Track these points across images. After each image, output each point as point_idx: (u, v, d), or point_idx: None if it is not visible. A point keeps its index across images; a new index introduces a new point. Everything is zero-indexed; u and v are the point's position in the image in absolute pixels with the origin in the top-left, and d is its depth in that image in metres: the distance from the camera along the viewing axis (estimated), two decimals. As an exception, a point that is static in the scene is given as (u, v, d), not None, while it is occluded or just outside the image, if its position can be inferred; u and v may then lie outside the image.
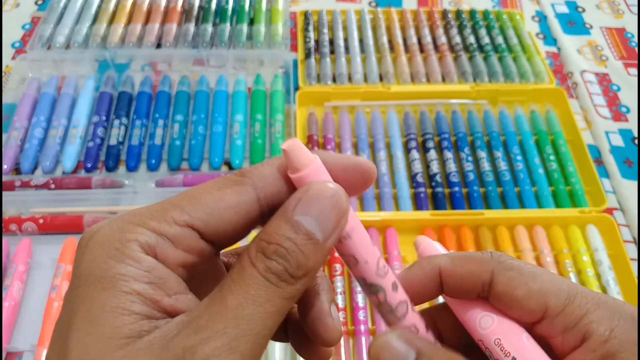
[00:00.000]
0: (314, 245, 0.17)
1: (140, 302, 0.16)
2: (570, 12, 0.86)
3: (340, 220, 0.18)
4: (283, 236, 0.17)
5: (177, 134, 0.64)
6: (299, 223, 0.17)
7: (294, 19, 0.81)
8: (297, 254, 0.17)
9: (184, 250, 0.18)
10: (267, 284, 0.17)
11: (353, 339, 0.51)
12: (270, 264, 0.17)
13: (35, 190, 0.58)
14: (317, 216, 0.17)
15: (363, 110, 0.69)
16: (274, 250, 0.17)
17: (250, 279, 0.17)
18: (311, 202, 0.17)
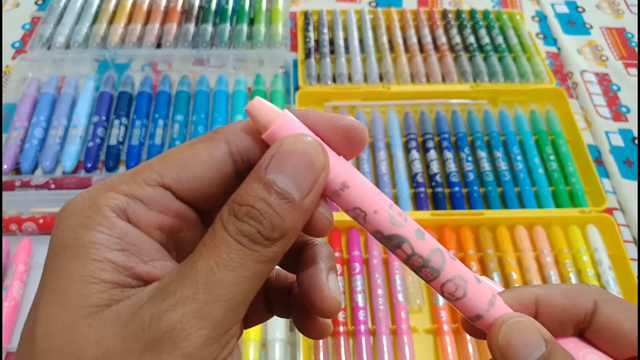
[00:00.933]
0: (290, 204, 0.16)
1: (112, 269, 0.15)
2: (570, 12, 0.86)
3: (318, 176, 0.17)
4: (255, 197, 0.16)
5: (177, 134, 0.64)
6: (272, 182, 0.16)
7: (294, 19, 0.81)
8: (270, 215, 0.16)
9: (158, 211, 0.17)
10: (240, 247, 0.16)
11: (353, 339, 0.51)
12: (242, 226, 0.16)
13: (35, 190, 0.58)
14: (292, 173, 0.16)
15: (363, 110, 0.69)
16: (246, 212, 0.16)
17: (222, 242, 0.16)
18: (284, 159, 0.16)
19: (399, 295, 0.53)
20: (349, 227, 0.58)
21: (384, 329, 0.51)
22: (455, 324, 0.52)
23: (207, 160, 0.17)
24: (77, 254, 0.15)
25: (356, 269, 0.54)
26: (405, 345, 0.50)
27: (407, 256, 0.19)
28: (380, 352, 0.50)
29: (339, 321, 0.51)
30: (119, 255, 0.16)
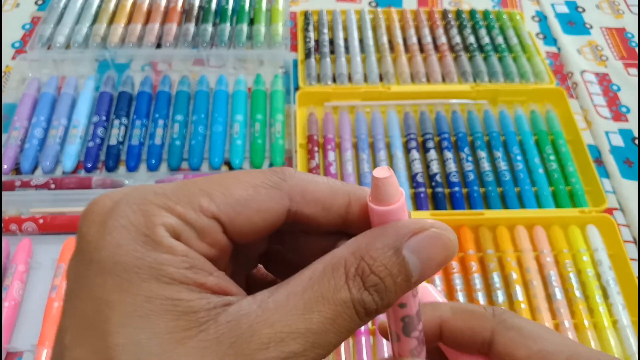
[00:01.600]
0: (407, 286, 0.17)
1: (186, 290, 0.15)
2: (570, 12, 0.86)
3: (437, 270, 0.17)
4: (386, 268, 0.16)
5: (177, 134, 0.64)
6: (406, 261, 0.16)
7: (294, 19, 0.81)
8: (392, 294, 0.16)
9: (207, 243, 0.16)
10: (356, 318, 0.16)
11: (353, 338, 0.51)
12: (366, 297, 0.16)
13: (35, 190, 0.58)
14: (424, 260, 0.16)
15: (363, 110, 0.69)
16: (374, 283, 0.16)
17: (342, 306, 0.15)
18: (426, 244, 0.16)
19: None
20: (349, 227, 0.58)
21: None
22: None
23: (266, 211, 0.17)
24: (145, 275, 0.14)
25: (356, 269, 0.54)
26: (405, 345, 0.50)
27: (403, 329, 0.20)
28: (380, 352, 0.50)
29: (339, 321, 0.51)
30: (187, 273, 0.15)
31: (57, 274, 0.52)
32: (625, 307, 0.53)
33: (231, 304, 0.15)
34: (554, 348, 0.19)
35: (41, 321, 0.49)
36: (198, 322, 0.14)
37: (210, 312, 0.14)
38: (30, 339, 0.49)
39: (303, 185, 0.17)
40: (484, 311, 0.21)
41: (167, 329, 0.14)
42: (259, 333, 0.14)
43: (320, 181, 0.18)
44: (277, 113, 0.66)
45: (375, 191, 0.17)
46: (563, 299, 0.53)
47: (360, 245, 0.16)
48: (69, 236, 0.55)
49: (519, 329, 0.20)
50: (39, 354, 0.48)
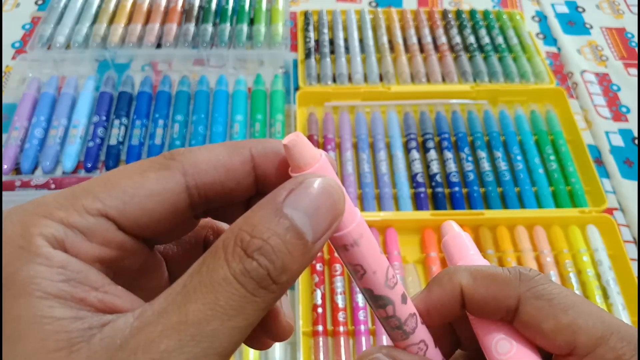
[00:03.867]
0: (303, 246, 0.14)
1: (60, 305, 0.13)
2: (570, 12, 0.86)
3: (333, 223, 0.15)
4: (270, 230, 0.14)
5: (177, 134, 0.64)
6: (290, 217, 0.14)
7: (294, 19, 0.81)
8: (284, 255, 0.14)
9: (99, 243, 0.15)
10: (242, 292, 0.14)
11: (353, 339, 0.51)
12: (250, 265, 0.14)
13: (35, 190, 0.58)
14: (311, 213, 0.14)
15: (363, 110, 0.69)
16: (258, 246, 0.14)
17: (222, 284, 0.13)
18: (306, 196, 0.15)
19: (399, 295, 0.53)
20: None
21: (383, 330, 0.51)
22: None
23: (159, 194, 0.15)
24: (19, 291, 0.13)
25: (356, 269, 0.54)
26: (405, 345, 0.50)
27: (387, 316, 0.19)
28: (380, 352, 0.50)
29: (339, 321, 0.51)
30: (64, 287, 0.13)
31: (57, 274, 0.52)
32: (626, 307, 0.53)
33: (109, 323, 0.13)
34: (587, 323, 0.17)
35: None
36: (70, 342, 0.13)
37: (85, 332, 0.13)
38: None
39: (193, 156, 0.16)
40: (509, 275, 0.19)
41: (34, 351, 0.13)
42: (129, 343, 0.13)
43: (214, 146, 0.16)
44: (277, 113, 0.66)
45: (289, 159, 0.16)
46: (563, 299, 0.53)
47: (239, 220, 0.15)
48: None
49: (548, 298, 0.18)
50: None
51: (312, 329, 0.51)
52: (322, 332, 0.51)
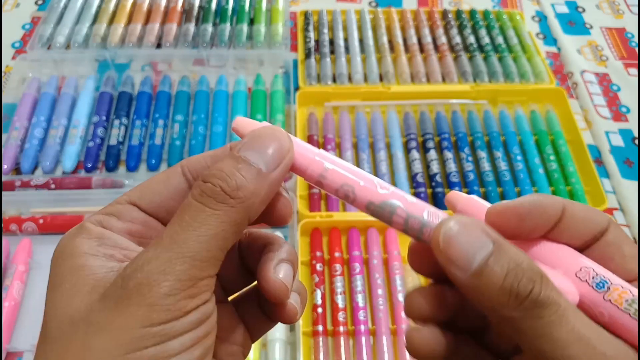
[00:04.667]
0: (256, 171, 0.18)
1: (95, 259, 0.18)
2: (570, 12, 0.86)
3: (284, 156, 0.19)
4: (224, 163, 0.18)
5: (177, 134, 0.64)
6: (243, 157, 0.18)
7: (294, 19, 0.81)
8: (236, 176, 0.18)
9: (126, 221, 0.20)
10: (201, 207, 0.18)
11: (353, 339, 0.51)
12: (205, 187, 0.18)
13: (35, 190, 0.58)
14: (261, 151, 0.18)
15: (363, 110, 0.69)
16: (213, 174, 0.18)
17: (186, 206, 0.18)
18: (254, 140, 0.19)
19: (399, 295, 0.53)
20: (349, 227, 0.58)
21: (384, 329, 0.51)
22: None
23: (164, 181, 0.21)
24: (67, 255, 0.19)
25: (356, 269, 0.54)
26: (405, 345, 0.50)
27: (404, 221, 0.19)
28: (380, 352, 0.50)
29: (339, 321, 0.51)
30: (99, 248, 0.19)
31: (57, 274, 0.52)
32: (625, 307, 0.53)
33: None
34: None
35: (41, 321, 0.49)
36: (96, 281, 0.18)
37: (108, 273, 0.18)
38: (30, 339, 0.50)
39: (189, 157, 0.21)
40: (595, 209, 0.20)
41: (71, 287, 0.18)
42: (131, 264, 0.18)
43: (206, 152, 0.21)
44: (277, 113, 0.66)
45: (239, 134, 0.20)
46: (563, 299, 0.53)
47: None
48: (69, 236, 0.55)
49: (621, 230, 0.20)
50: (39, 354, 0.47)
51: (312, 329, 0.51)
52: (322, 332, 0.51)
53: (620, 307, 0.17)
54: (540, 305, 0.16)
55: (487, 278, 0.17)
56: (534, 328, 0.16)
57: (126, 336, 0.16)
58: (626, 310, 0.17)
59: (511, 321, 0.17)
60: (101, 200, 0.58)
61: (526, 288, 0.16)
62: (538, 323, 0.16)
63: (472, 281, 0.17)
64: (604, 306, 0.18)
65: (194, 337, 0.17)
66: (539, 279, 0.17)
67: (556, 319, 0.16)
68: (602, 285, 0.18)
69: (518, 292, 0.16)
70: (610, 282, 0.18)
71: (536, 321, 0.16)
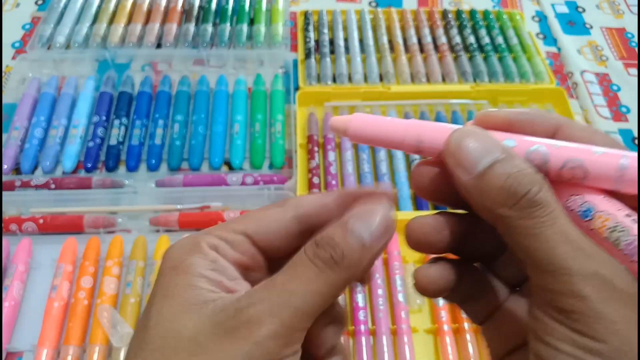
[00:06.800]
0: (361, 244, 0.20)
1: (206, 281, 0.20)
2: (570, 12, 0.86)
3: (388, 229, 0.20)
4: (334, 232, 0.20)
5: (177, 134, 0.64)
6: (352, 228, 0.20)
7: (294, 19, 0.81)
8: (344, 245, 0.19)
9: (239, 252, 0.21)
10: (313, 267, 0.19)
11: (353, 339, 0.51)
12: (318, 251, 0.19)
13: (35, 190, 0.58)
14: (368, 224, 0.20)
15: (363, 111, 0.69)
16: (325, 241, 0.20)
17: (299, 261, 0.20)
18: (365, 213, 0.20)
19: (399, 295, 0.53)
20: (349, 227, 0.58)
21: (384, 329, 0.51)
22: (455, 324, 0.52)
23: (279, 220, 0.22)
24: (181, 271, 0.20)
25: (356, 269, 0.54)
26: (405, 345, 0.50)
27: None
28: (380, 352, 0.50)
29: (339, 321, 0.51)
30: (211, 273, 0.20)
31: (57, 274, 0.52)
32: (625, 307, 0.53)
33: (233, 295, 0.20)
34: None
35: (41, 321, 0.49)
36: (204, 302, 0.19)
37: (216, 298, 0.19)
38: (30, 339, 0.49)
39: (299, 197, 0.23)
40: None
41: (182, 303, 0.19)
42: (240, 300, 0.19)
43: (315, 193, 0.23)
44: (277, 113, 0.66)
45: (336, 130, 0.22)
46: (563, 299, 0.53)
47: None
48: (68, 236, 0.55)
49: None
50: (39, 354, 0.47)
51: (312, 329, 0.51)
52: (322, 332, 0.51)
53: (602, 235, 0.18)
54: (535, 205, 0.17)
55: (489, 178, 0.18)
56: (526, 227, 0.17)
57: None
58: (607, 238, 0.18)
59: (506, 220, 0.18)
60: (101, 200, 0.58)
61: (524, 188, 0.18)
62: (530, 223, 0.17)
63: (475, 182, 0.18)
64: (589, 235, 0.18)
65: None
66: (539, 183, 0.18)
67: (548, 220, 0.17)
68: (587, 214, 0.18)
69: (516, 192, 0.18)
70: (596, 209, 0.18)
71: (529, 221, 0.17)
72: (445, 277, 0.22)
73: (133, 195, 0.59)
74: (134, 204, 0.58)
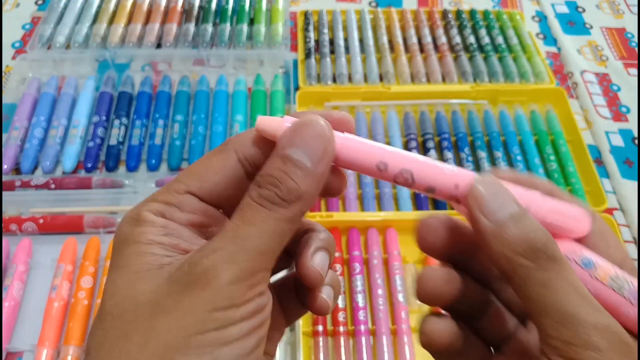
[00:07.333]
0: (303, 171, 0.19)
1: (160, 247, 0.19)
2: (571, 12, 0.86)
3: (326, 146, 0.20)
4: (274, 168, 0.19)
5: (177, 134, 0.64)
6: (289, 155, 0.19)
7: (294, 19, 0.81)
8: (287, 181, 0.19)
9: (188, 212, 0.21)
10: (260, 208, 0.19)
11: (353, 339, 0.51)
12: (262, 191, 0.19)
13: (35, 190, 0.58)
14: (304, 146, 0.19)
15: (363, 111, 0.69)
16: (266, 180, 0.19)
17: (246, 205, 0.19)
18: (295, 135, 0.19)
19: (399, 295, 0.53)
20: (349, 227, 0.58)
21: (384, 329, 0.51)
22: (455, 324, 0.52)
23: (222, 169, 0.21)
24: (132, 241, 0.19)
25: (356, 269, 0.54)
26: (405, 345, 0.50)
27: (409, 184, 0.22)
28: (380, 352, 0.50)
29: (339, 321, 0.51)
30: (164, 238, 0.20)
31: (57, 274, 0.52)
32: (626, 307, 0.53)
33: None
34: None
35: (41, 321, 0.49)
36: (160, 266, 0.19)
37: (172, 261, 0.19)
38: (30, 339, 0.49)
39: (240, 136, 0.22)
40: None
41: (135, 270, 0.19)
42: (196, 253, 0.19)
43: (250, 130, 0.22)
44: (277, 113, 0.66)
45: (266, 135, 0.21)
46: (563, 299, 0.53)
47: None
48: (68, 236, 0.55)
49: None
50: (39, 354, 0.48)
51: (312, 329, 0.51)
52: (322, 332, 0.51)
53: (605, 283, 0.20)
54: (551, 259, 0.19)
55: (511, 228, 0.19)
56: (541, 279, 0.19)
57: (190, 318, 0.17)
58: (610, 285, 0.20)
59: (523, 269, 0.19)
60: (101, 200, 0.58)
61: (542, 242, 0.19)
62: (546, 275, 0.19)
63: (495, 228, 0.19)
64: (591, 283, 0.20)
65: (250, 326, 0.18)
66: (551, 239, 0.19)
67: (561, 273, 0.19)
68: (589, 265, 0.20)
69: (535, 244, 0.19)
70: (596, 260, 0.20)
71: (544, 273, 0.19)
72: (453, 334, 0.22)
73: (133, 195, 0.59)
74: (134, 204, 0.58)
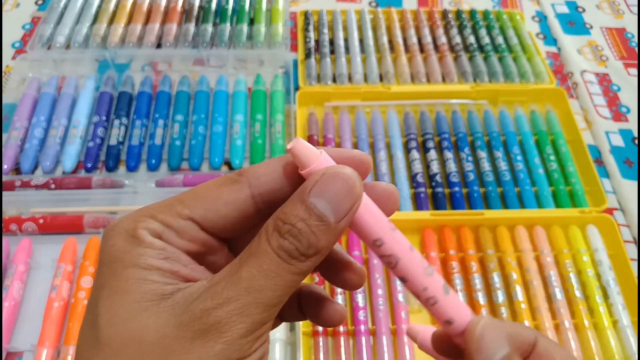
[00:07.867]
0: (325, 227, 0.18)
1: (159, 274, 0.19)
2: (571, 12, 0.86)
3: (353, 204, 0.19)
4: (297, 217, 0.18)
5: (177, 134, 0.64)
6: (313, 205, 0.18)
7: (294, 19, 0.81)
8: (308, 235, 0.18)
9: (187, 240, 0.20)
10: (279, 261, 0.18)
11: (353, 339, 0.51)
12: (283, 242, 0.18)
13: (35, 190, 0.58)
14: (331, 199, 0.18)
15: (363, 110, 0.69)
16: (288, 230, 0.18)
17: (265, 254, 0.18)
18: (326, 185, 0.18)
19: (399, 295, 0.53)
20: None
21: (384, 329, 0.51)
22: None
23: (232, 202, 0.20)
24: (129, 263, 0.18)
25: (356, 269, 0.54)
26: (405, 345, 0.50)
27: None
28: (380, 352, 0.50)
29: (339, 321, 0.51)
30: (163, 262, 0.19)
31: (57, 274, 0.52)
32: (625, 307, 0.53)
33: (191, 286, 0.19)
34: None
35: (41, 321, 0.49)
36: (161, 297, 0.18)
37: (173, 291, 0.18)
38: (30, 339, 0.49)
39: (255, 169, 0.20)
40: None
41: (136, 300, 0.18)
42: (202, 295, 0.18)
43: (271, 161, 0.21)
44: (277, 113, 0.66)
45: (296, 160, 0.19)
46: (563, 299, 0.53)
47: (277, 211, 0.19)
48: (68, 236, 0.55)
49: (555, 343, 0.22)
50: (39, 354, 0.47)
51: (312, 329, 0.51)
52: (322, 332, 0.51)
53: None
54: None
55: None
56: None
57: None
58: None
59: None
60: (101, 200, 0.58)
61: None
62: None
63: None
64: None
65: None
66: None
67: None
68: None
69: None
70: None
71: None
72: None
73: (133, 195, 0.59)
74: (134, 204, 0.58)
